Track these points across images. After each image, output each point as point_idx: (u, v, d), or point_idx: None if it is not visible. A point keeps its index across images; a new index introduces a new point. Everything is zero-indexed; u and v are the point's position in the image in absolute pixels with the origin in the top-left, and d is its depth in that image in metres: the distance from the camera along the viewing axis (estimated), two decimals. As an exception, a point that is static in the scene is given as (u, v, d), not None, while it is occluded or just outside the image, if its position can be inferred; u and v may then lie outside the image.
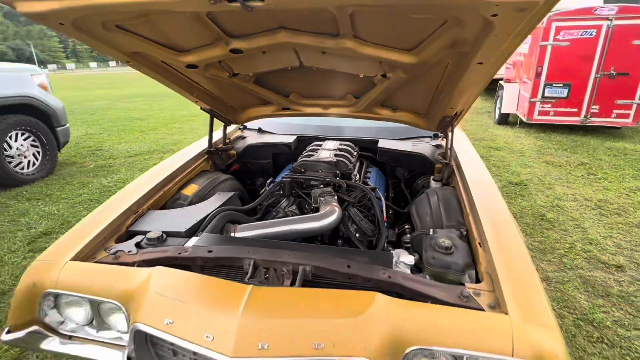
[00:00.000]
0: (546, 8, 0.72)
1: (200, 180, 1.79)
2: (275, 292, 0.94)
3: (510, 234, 1.16)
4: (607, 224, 2.69)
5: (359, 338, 0.85)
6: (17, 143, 3.53)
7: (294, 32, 1.05)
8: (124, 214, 1.37)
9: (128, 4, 0.81)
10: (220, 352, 0.83)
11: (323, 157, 1.79)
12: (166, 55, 1.19)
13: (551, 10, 0.75)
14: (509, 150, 4.53)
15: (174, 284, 0.99)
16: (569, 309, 1.85)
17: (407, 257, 1.15)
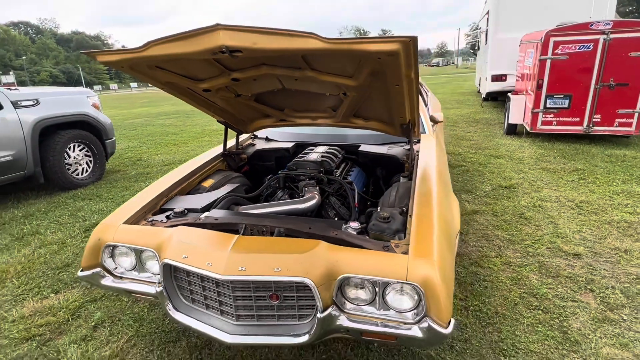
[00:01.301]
0: (412, 51, 1.16)
1: (216, 176, 2.30)
2: (252, 239, 1.41)
3: (429, 211, 1.56)
4: (581, 221, 2.96)
5: (304, 266, 1.29)
6: (74, 153, 4.24)
7: (271, 66, 1.54)
8: (158, 196, 1.89)
9: (163, 56, 1.33)
10: (216, 272, 1.31)
11: (311, 158, 2.25)
12: (189, 83, 1.72)
13: (416, 52, 1.19)
14: (508, 158, 4.80)
15: (189, 235, 1.48)
16: (519, 285, 2.19)
17: (354, 224, 1.59)
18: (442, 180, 1.90)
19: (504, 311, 1.97)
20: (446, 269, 1.32)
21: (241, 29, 1.19)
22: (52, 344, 1.85)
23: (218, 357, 1.74)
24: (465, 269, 2.37)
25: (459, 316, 1.95)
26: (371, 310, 1.35)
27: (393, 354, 1.72)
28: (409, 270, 1.26)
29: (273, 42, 1.19)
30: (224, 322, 1.43)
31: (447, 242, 1.47)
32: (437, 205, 1.60)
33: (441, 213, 1.57)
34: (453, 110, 9.25)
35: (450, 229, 1.59)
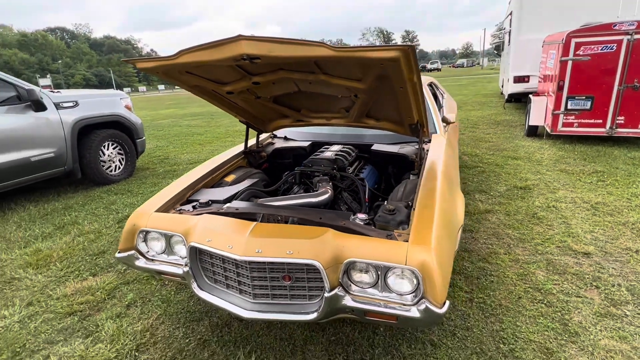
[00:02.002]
0: (412, 58, 1.30)
1: (237, 172, 2.49)
2: (268, 226, 1.57)
3: (431, 205, 1.67)
4: (595, 222, 2.98)
5: (313, 250, 1.44)
6: (108, 151, 4.56)
7: (288, 71, 1.70)
8: (186, 188, 2.09)
9: (193, 63, 1.51)
10: (236, 253, 1.48)
11: (325, 156, 2.40)
12: (214, 86, 1.90)
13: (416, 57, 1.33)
14: (527, 159, 4.80)
15: (213, 222, 1.66)
16: (525, 281, 2.26)
17: (362, 215, 1.72)
18: (447, 178, 2.01)
19: (507, 304, 2.06)
20: (443, 256, 1.44)
21: (260, 39, 1.35)
22: (91, 319, 2.08)
23: (237, 334, 1.91)
24: (473, 264, 2.45)
25: (463, 307, 2.05)
26: (374, 292, 1.48)
27: (397, 338, 1.84)
28: (408, 256, 1.39)
29: (287, 50, 1.35)
30: (242, 300, 1.60)
31: (447, 233, 1.59)
32: (439, 200, 1.72)
33: (443, 207, 1.68)
34: (474, 112, 9.19)
35: (451, 222, 1.70)
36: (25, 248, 2.95)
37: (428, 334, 1.86)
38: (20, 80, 3.76)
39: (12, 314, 2.14)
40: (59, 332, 1.98)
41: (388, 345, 1.80)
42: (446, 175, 2.04)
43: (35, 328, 2.01)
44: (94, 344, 1.89)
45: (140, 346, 1.86)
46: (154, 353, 1.82)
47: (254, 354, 1.78)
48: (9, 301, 2.26)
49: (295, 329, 1.94)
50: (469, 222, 3.08)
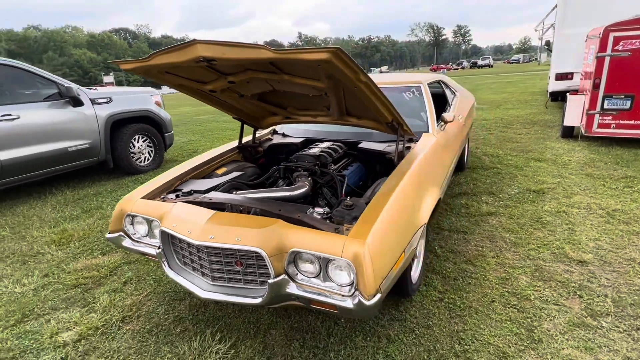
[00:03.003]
0: (345, 58, 1.35)
1: (230, 165, 2.65)
2: (226, 215, 1.70)
3: (383, 201, 1.71)
4: (604, 229, 2.80)
5: (259, 239, 1.55)
6: (138, 143, 4.96)
7: (255, 71, 1.81)
8: (175, 178, 2.28)
9: (163, 64, 1.67)
10: (191, 238, 1.62)
11: (310, 152, 2.49)
12: (196, 85, 2.06)
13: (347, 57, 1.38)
14: (552, 161, 4.54)
15: (182, 209, 1.82)
16: (505, 285, 2.20)
17: (319, 209, 1.80)
18: (417, 176, 2.02)
19: (477, 306, 2.03)
20: (382, 251, 1.49)
21: (213, 43, 1.48)
22: (92, 291, 2.34)
23: (210, 315, 2.07)
24: (455, 265, 2.43)
25: (430, 306, 2.05)
26: (317, 282, 1.56)
27: (356, 330, 1.90)
28: (345, 248, 1.45)
29: (237, 52, 1.46)
30: (203, 282, 1.75)
31: (395, 229, 1.62)
32: (394, 198, 1.75)
33: (397, 204, 1.72)
34: (512, 111, 8.75)
35: (407, 219, 1.73)
36: (54, 227, 3.34)
37: (387, 328, 1.90)
38: (62, 78, 4.22)
39: (30, 283, 2.46)
40: (63, 300, 2.26)
41: (344, 335, 1.87)
42: (417, 173, 2.05)
43: (45, 296, 2.31)
44: (88, 313, 2.14)
45: (125, 318, 2.08)
46: (135, 325, 2.03)
47: (220, 333, 1.92)
48: (30, 272, 2.60)
49: (263, 313, 2.06)
50: (465, 223, 3.02)
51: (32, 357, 1.83)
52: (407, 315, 1.99)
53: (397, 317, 1.98)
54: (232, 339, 1.88)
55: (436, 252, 2.61)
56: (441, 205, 3.41)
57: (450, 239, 2.78)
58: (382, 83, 3.17)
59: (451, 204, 3.42)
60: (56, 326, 2.03)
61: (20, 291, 2.38)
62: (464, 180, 4.01)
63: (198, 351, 1.81)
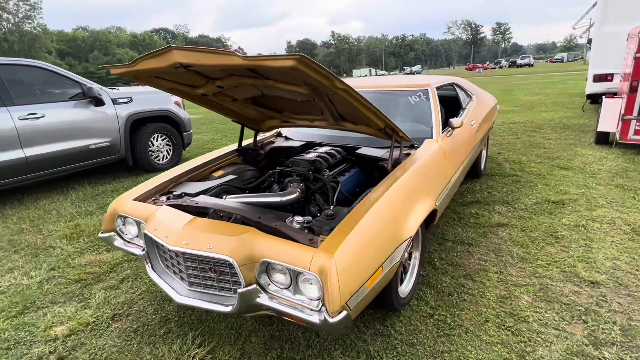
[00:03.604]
0: (312, 65, 1.30)
1: (228, 168, 2.66)
2: (203, 221, 1.70)
3: (362, 211, 1.64)
4: (626, 248, 2.57)
5: (231, 247, 1.53)
6: (157, 142, 5.11)
7: (239, 76, 1.79)
8: (168, 181, 2.31)
9: (146, 69, 1.68)
10: (167, 243, 1.63)
11: (306, 157, 2.45)
12: (187, 89, 2.07)
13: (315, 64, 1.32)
14: (579, 170, 4.24)
15: (166, 212, 1.83)
16: (503, 304, 2.06)
17: (299, 218, 1.75)
18: (406, 185, 1.94)
19: (469, 326, 1.92)
20: (353, 266, 1.43)
21: (188, 49, 1.47)
22: (90, 287, 2.43)
23: (195, 318, 2.08)
24: (453, 280, 2.31)
25: (418, 322, 1.96)
26: (288, 294, 1.52)
27: (336, 343, 1.84)
28: (312, 261, 1.41)
29: (210, 59, 1.44)
30: (181, 286, 1.75)
31: (374, 242, 1.56)
32: (376, 208, 1.68)
33: (377, 215, 1.64)
34: (545, 114, 8.28)
35: (388, 232, 1.66)
36: (69, 222, 3.51)
37: (368, 344, 1.83)
38: (85, 79, 4.41)
39: (37, 275, 2.59)
40: (63, 295, 2.36)
41: (323, 348, 1.82)
42: (407, 183, 1.96)
43: (47, 289, 2.42)
44: (83, 308, 2.21)
45: (115, 316, 2.14)
46: (124, 323, 2.07)
47: (201, 337, 1.93)
48: (39, 265, 2.73)
49: (246, 319, 2.04)
50: (472, 234, 2.87)
51: (25, 349, 1.91)
52: (391, 330, 1.91)
53: (381, 332, 1.90)
54: (211, 344, 1.88)
55: (435, 264, 2.49)
56: (449, 214, 3.27)
57: (453, 251, 2.65)
58: (388, 86, 3.07)
59: (460, 213, 3.26)
60: (51, 320, 2.11)
61: (26, 283, 2.50)
62: (478, 188, 3.82)
63: (177, 354, 1.82)
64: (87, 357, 1.84)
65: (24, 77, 4.00)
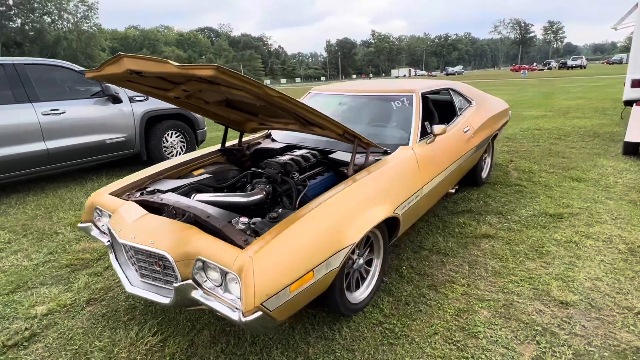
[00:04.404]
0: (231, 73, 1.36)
1: (210, 167, 2.77)
2: (153, 218, 1.81)
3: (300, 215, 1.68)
4: (614, 268, 2.41)
5: (169, 243, 1.63)
6: (171, 139, 5.38)
7: (197, 81, 1.88)
8: (148, 177, 2.46)
9: (110, 74, 1.82)
10: (119, 236, 1.75)
11: (278, 159, 2.51)
12: (161, 92, 2.20)
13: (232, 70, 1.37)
14: (592, 183, 3.98)
15: (128, 207, 1.96)
16: (458, 318, 2.02)
17: (244, 219, 1.82)
18: (357, 191, 1.95)
19: (415, 337, 1.90)
20: (275, 268, 1.47)
21: (136, 57, 1.58)
22: (78, 272, 2.63)
23: (159, 308, 2.21)
24: (416, 289, 2.28)
25: (365, 329, 1.96)
26: (220, 292, 1.59)
27: (278, 342, 1.89)
28: (236, 261, 1.47)
29: (153, 66, 1.54)
30: (135, 276, 1.88)
31: (304, 246, 1.59)
32: (316, 212, 1.71)
33: (313, 220, 1.68)
34: (577, 120, 7.79)
35: (323, 236, 1.68)
36: (78, 211, 3.80)
37: (310, 346, 1.86)
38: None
39: (36, 258, 2.84)
40: (52, 277, 2.58)
41: (265, 346, 1.87)
42: (358, 188, 1.97)
43: (40, 272, 2.66)
44: (65, 291, 2.41)
45: (91, 300, 2.31)
46: (96, 307, 2.24)
47: (158, 326, 2.05)
48: (41, 249, 3.00)
49: (204, 313, 2.14)
50: (452, 244, 2.80)
51: (7, 324, 2.12)
52: (337, 335, 1.93)
53: (326, 336, 1.93)
54: (165, 334, 1.99)
55: (402, 272, 2.47)
56: (434, 222, 3.20)
57: (426, 260, 2.61)
58: (372, 91, 3.06)
59: (447, 222, 3.19)
60: (35, 300, 2.32)
61: (25, 265, 2.76)
62: (475, 197, 3.70)
63: (132, 340, 1.95)
64: (55, 335, 2.01)
65: (50, 76, 4.37)
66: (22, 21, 51.09)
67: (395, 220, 2.21)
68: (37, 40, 50.65)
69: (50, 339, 1.98)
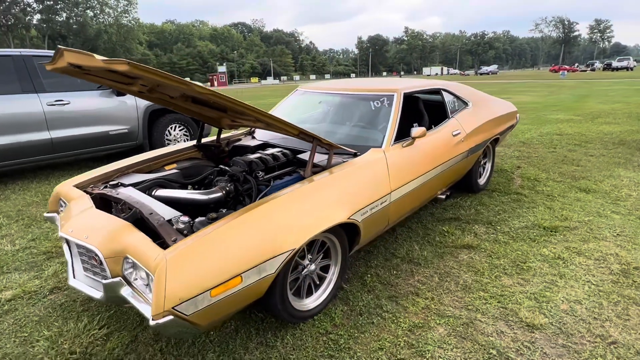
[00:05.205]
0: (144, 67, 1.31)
1: (184, 163, 2.76)
2: (96, 213, 1.81)
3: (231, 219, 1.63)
4: (599, 290, 2.20)
5: (101, 239, 1.61)
6: (174, 132, 5.46)
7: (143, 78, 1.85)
8: (117, 170, 2.47)
9: (61, 67, 1.82)
10: (60, 228, 1.76)
11: (245, 158, 2.46)
12: (124, 87, 2.19)
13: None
14: (602, 194, 3.68)
15: (81, 200, 1.98)
16: (410, 334, 1.90)
17: (185, 218, 1.78)
18: (307, 192, 1.88)
19: (358, 350, 1.80)
20: (192, 270, 1.42)
21: (76, 52, 1.56)
22: (51, 260, 2.70)
23: (114, 300, 2.22)
24: (374, 300, 2.17)
25: (310, 338, 1.89)
26: (148, 292, 1.57)
27: (216, 346, 1.85)
28: (154, 262, 1.44)
29: (82, 59, 1.52)
30: (80, 269, 1.89)
31: (230, 248, 1.54)
32: (250, 214, 1.66)
33: (248, 222, 1.62)
34: (605, 126, 7.28)
35: (255, 240, 1.61)
36: (73, 199, 3.91)
37: (248, 352, 1.81)
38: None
39: (19, 244, 2.95)
40: (27, 264, 2.66)
41: (203, 348, 1.84)
42: (307, 191, 1.89)
43: (19, 257, 2.75)
44: (34, 279, 2.48)
45: (54, 289, 2.36)
46: (57, 296, 2.29)
47: (108, 320, 2.06)
48: (26, 235, 3.11)
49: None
50: (428, 254, 2.66)
51: (-28, 306, 2.20)
52: (278, 342, 1.87)
53: (268, 343, 1.87)
54: (112, 327, 2.00)
55: (365, 280, 2.36)
56: (416, 229, 3.05)
57: (395, 269, 2.49)
58: (354, 90, 2.94)
59: (430, 229, 3.03)
60: (4, 285, 2.40)
61: (7, 250, 2.86)
62: (467, 204, 3.51)
63: (79, 331, 1.96)
64: (11, 322, 2.06)
65: (57, 67, 4.52)
66: (67, 15, 53.88)
67: (354, 227, 2.11)
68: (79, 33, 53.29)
69: (6, 325, 2.03)
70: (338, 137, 2.71)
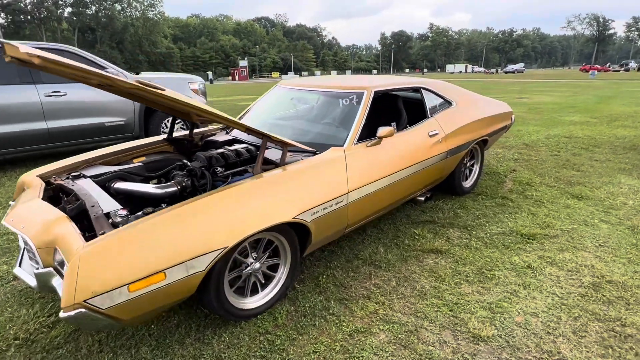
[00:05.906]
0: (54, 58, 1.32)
1: (154, 156, 2.79)
2: (40, 203, 1.84)
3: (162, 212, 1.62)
4: (563, 304, 2.09)
5: (35, 230, 1.64)
6: (171, 125, 5.53)
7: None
8: (84, 161, 2.52)
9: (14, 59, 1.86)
10: (4, 218, 1.81)
11: (207, 153, 2.46)
12: (84, 80, 2.22)
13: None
14: (595, 202, 3.50)
15: (30, 191, 2.02)
16: (350, 339, 1.86)
17: (123, 212, 1.79)
18: (247, 189, 1.86)
19: (293, 352, 1.77)
20: (109, 264, 1.43)
21: (9, 43, 1.59)
22: (25, 246, 2.78)
23: (71, 289, 2.27)
24: (323, 302, 2.13)
25: (247, 338, 1.87)
26: (75, 283, 1.59)
27: (152, 340, 1.86)
28: (76, 254, 1.45)
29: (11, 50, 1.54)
30: (27, 258, 1.94)
31: (153, 243, 1.53)
32: (181, 209, 1.65)
33: (176, 217, 1.62)
34: (620, 130, 6.92)
35: (182, 236, 1.60)
36: (62, 188, 4.03)
37: (183, 347, 1.81)
38: (109, 63, 4.95)
39: (5, 233, 3.05)
40: (3, 250, 2.75)
41: (137, 341, 1.85)
42: (251, 187, 1.87)
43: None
44: (4, 264, 2.56)
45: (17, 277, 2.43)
46: (20, 283, 2.36)
47: (57, 307, 2.10)
48: (8, 221, 3.21)
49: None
50: (392, 257, 2.59)
51: (-60, 288, 2.30)
52: (214, 340, 1.86)
53: (204, 339, 1.86)
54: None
55: (319, 281, 2.33)
56: (388, 230, 2.98)
57: (354, 271, 2.44)
58: (327, 87, 2.88)
59: (400, 231, 2.96)
60: (-26, 268, 2.50)
61: (-12, 235, 2.97)
62: (448, 207, 3.41)
63: (28, 318, 2.02)
64: (-30, 305, 2.14)
65: (56, 59, 4.64)
66: (97, 8, 55.51)
67: (303, 227, 2.08)
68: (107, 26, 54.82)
69: (-36, 308, 2.11)
70: (306, 135, 2.67)
